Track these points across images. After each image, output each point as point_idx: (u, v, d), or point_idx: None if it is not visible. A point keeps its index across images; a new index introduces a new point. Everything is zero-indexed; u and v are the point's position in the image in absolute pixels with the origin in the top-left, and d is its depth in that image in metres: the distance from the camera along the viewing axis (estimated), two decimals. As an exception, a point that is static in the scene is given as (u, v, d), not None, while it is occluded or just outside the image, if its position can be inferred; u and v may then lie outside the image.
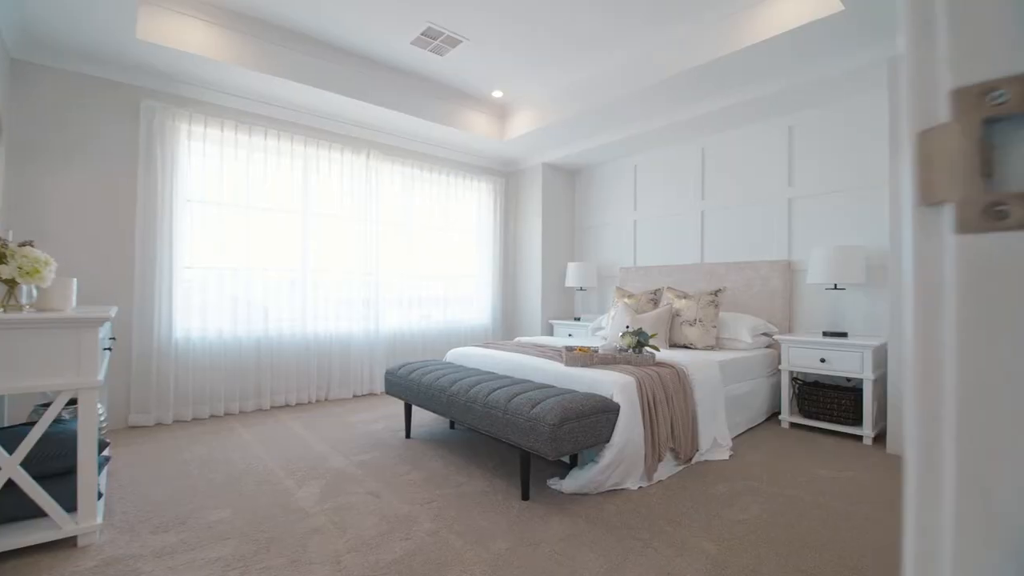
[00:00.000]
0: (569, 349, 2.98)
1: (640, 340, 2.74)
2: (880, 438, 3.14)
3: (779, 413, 3.62)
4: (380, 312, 4.56)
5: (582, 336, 4.86)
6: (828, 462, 2.74)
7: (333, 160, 4.31)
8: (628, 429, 2.28)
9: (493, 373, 2.89)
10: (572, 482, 2.25)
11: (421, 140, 4.83)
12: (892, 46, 2.91)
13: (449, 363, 3.30)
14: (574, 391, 2.38)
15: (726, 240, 4.23)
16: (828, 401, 3.29)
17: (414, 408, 3.47)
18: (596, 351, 2.92)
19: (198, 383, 3.61)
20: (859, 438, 3.17)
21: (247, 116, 3.89)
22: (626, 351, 2.81)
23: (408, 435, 3.12)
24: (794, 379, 3.50)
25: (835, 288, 3.43)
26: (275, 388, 3.96)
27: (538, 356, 3.06)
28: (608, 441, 2.26)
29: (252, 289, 3.87)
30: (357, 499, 2.20)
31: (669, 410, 2.55)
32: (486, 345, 3.60)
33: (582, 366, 2.71)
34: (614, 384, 2.39)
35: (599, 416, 2.20)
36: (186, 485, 2.36)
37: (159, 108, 3.46)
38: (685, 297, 3.79)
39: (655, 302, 4.07)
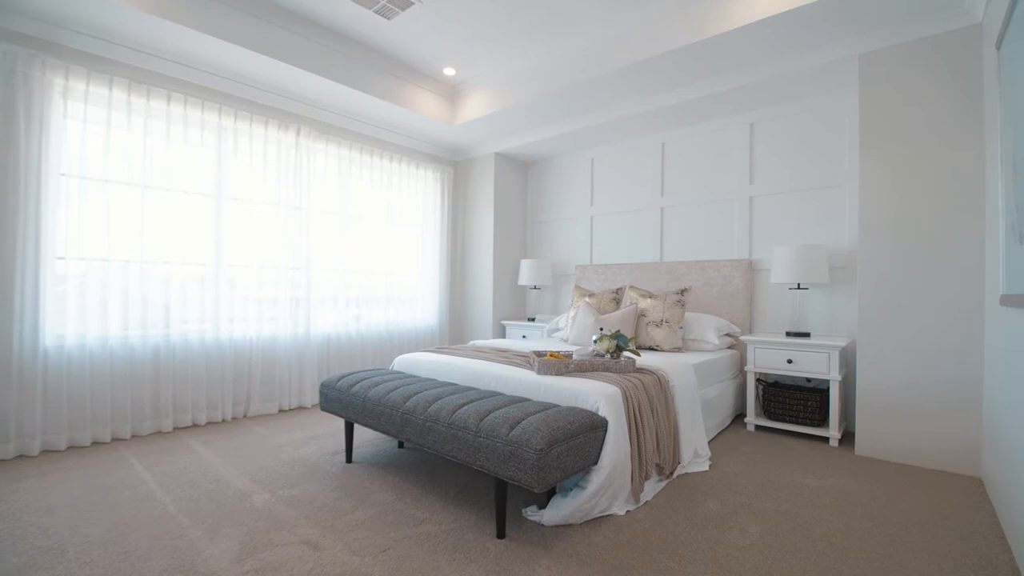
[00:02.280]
0: (539, 354, 2.66)
1: (619, 344, 2.47)
2: (846, 439, 3.10)
3: (744, 415, 3.54)
4: (312, 313, 3.99)
5: (536, 338, 4.57)
6: (807, 469, 2.62)
7: (255, 135, 3.68)
8: (617, 447, 1.99)
9: (453, 384, 2.50)
10: (555, 512, 1.92)
11: (362, 119, 4.30)
12: (864, 42, 2.86)
13: (398, 372, 2.86)
14: (555, 405, 2.05)
15: (686, 238, 4.12)
16: (794, 403, 3.23)
17: (355, 425, 2.98)
18: (570, 357, 2.62)
19: (76, 402, 2.89)
20: (825, 439, 3.12)
21: (145, 75, 3.19)
22: (603, 356, 2.53)
23: (349, 459, 2.65)
24: (757, 381, 3.41)
25: (798, 288, 3.37)
26: (179, 405, 3.29)
27: (503, 363, 2.70)
28: (596, 463, 1.95)
29: (149, 285, 3.18)
30: (290, 552, 1.73)
31: (654, 421, 2.30)
32: (440, 351, 3.19)
33: (556, 374, 2.39)
34: (599, 395, 2.09)
35: (588, 435, 1.88)
36: (46, 547, 1.75)
37: (23, 55, 2.71)
38: (650, 297, 3.60)
39: (617, 301, 3.86)
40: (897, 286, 2.77)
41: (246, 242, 3.64)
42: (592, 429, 1.91)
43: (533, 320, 4.78)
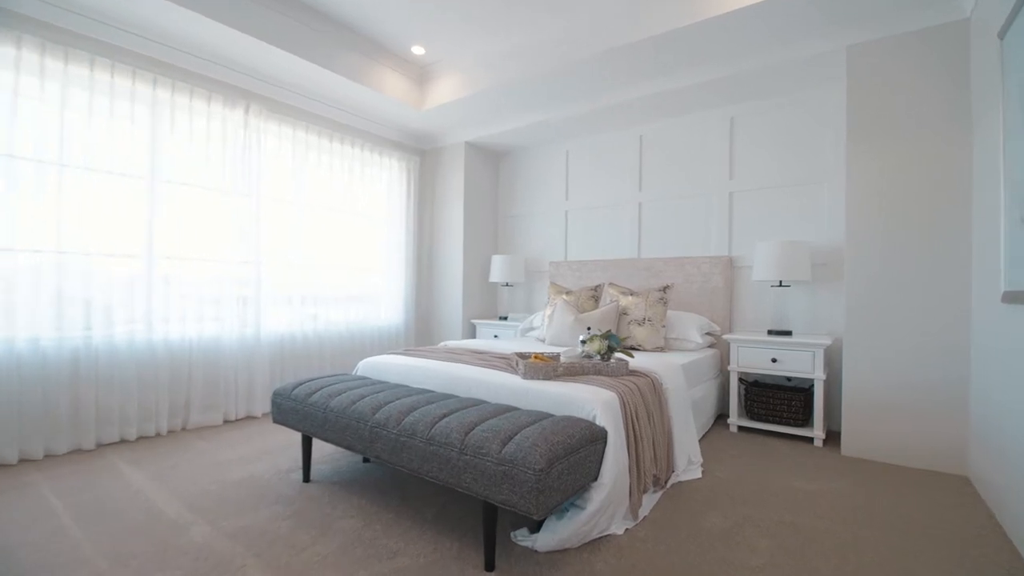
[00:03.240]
0: (523, 356, 2.43)
1: (611, 345, 2.27)
2: (830, 439, 3.05)
3: (726, 416, 3.44)
4: (262, 312, 3.60)
5: (509, 338, 4.34)
6: (798, 472, 2.52)
7: (197, 111, 3.26)
8: (617, 460, 1.79)
9: (428, 391, 2.23)
10: (550, 537, 1.70)
11: (320, 98, 3.92)
12: (852, 34, 2.80)
13: (363, 378, 2.56)
14: (547, 415, 1.83)
15: (665, 234, 3.99)
16: (778, 402, 3.15)
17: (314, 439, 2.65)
18: (557, 359, 2.41)
19: (-32, 419, 2.42)
20: (809, 440, 3.05)
21: (62, 34, 2.73)
22: (593, 358, 2.33)
23: (307, 477, 2.33)
24: (740, 380, 3.32)
25: (780, 285, 3.30)
26: (104, 417, 2.85)
27: (483, 366, 2.45)
28: (596, 479, 1.74)
29: (66, 280, 2.72)
30: (235, 603, 1.42)
31: (651, 429, 2.12)
32: (409, 353, 2.90)
33: (544, 379, 2.17)
34: (595, 402, 1.88)
35: (588, 449, 1.67)
36: (-92, 612, 1.37)
37: None
38: (631, 294, 3.45)
39: (596, 299, 3.68)
40: (885, 284, 2.72)
41: (185, 232, 3.21)
42: (592, 441, 1.70)
43: (505, 319, 4.55)
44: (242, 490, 2.21)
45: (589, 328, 2.54)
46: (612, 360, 2.30)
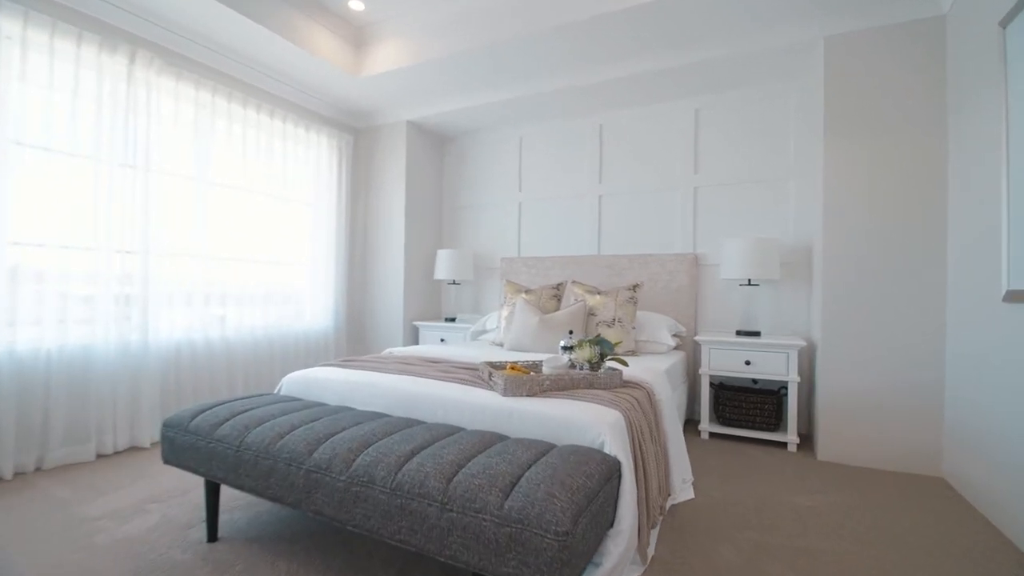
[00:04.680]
0: (495, 366, 2.02)
1: (603, 351, 1.93)
2: (803, 443, 2.94)
3: (696, 422, 3.25)
4: (152, 313, 2.87)
5: (459, 342, 3.90)
6: (787, 483, 2.35)
7: (60, 54, 2.49)
8: (632, 497, 1.45)
9: (382, 416, 1.75)
10: (557, 606, 1.31)
11: (233, 54, 3.23)
12: (831, 24, 2.69)
13: (290, 399, 2.02)
14: (548, 445, 1.44)
15: (627, 230, 3.76)
16: (750, 406, 3.00)
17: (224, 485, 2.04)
18: (537, 369, 2.03)
19: None
20: (782, 445, 2.93)
21: None
22: (579, 367, 1.97)
23: (213, 535, 1.75)
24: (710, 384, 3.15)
25: (748, 284, 3.17)
26: (-95, 464, 2.04)
27: (446, 380, 2.01)
28: (612, 525, 1.38)
29: None
30: None
31: (654, 451, 1.80)
32: (349, 365, 2.38)
33: (527, 395, 1.78)
34: (601, 425, 1.52)
35: (606, 489, 1.30)
36: None
37: None
38: (598, 293, 3.15)
39: (558, 298, 3.35)
40: (863, 285, 2.64)
41: (41, 210, 2.44)
42: (608, 479, 1.33)
43: (453, 320, 4.09)
44: (119, 562, 1.60)
45: (571, 332, 2.18)
46: (603, 370, 1.96)
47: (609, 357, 1.96)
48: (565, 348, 2.09)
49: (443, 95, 3.82)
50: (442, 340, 3.99)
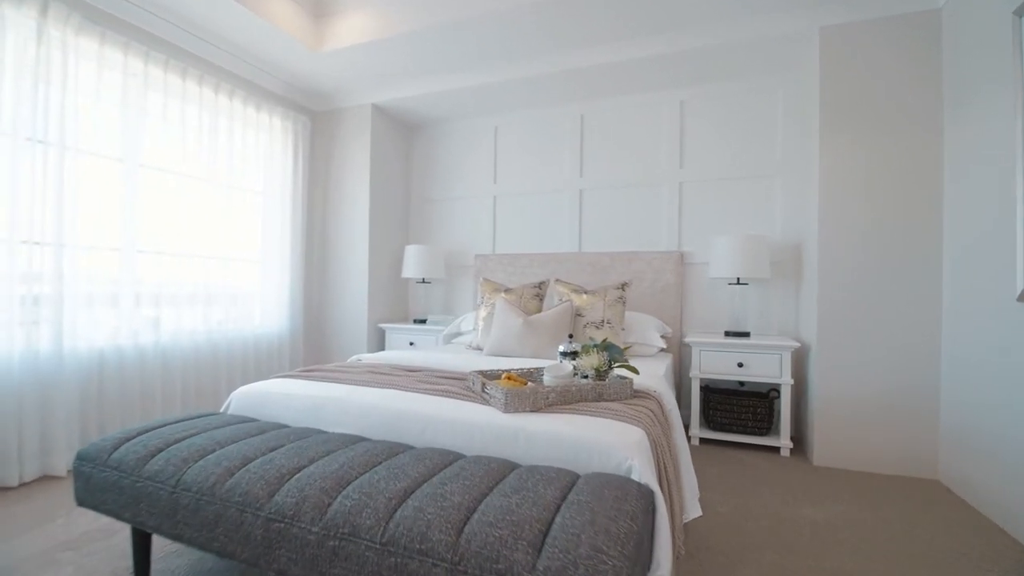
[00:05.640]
0: (488, 375, 1.77)
1: (613, 357, 1.71)
2: (796, 448, 2.85)
3: (687, 427, 3.10)
4: (66, 317, 2.41)
5: (429, 346, 3.61)
6: (793, 493, 2.22)
7: (-61, -5, 2.02)
8: (668, 532, 1.23)
9: (359, 439, 1.45)
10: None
11: (168, 14, 2.79)
12: (826, 14, 2.60)
13: (242, 420, 1.68)
14: (571, 474, 1.20)
15: (610, 226, 3.58)
16: (741, 410, 2.88)
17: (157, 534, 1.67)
18: (536, 378, 1.79)
19: None
20: (775, 450, 2.82)
21: None
22: (583, 376, 1.75)
23: (143, 596, 1.40)
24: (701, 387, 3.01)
25: (737, 283, 3.06)
26: None
27: (430, 393, 1.73)
28: (650, 569, 1.15)
29: None
30: None
31: (673, 469, 1.59)
32: (311, 375, 2.04)
33: (531, 410, 1.54)
34: (626, 447, 1.30)
35: (644, 523, 1.08)
36: None
37: None
38: (585, 292, 2.95)
39: (541, 298, 3.12)
40: (860, 285, 2.56)
41: (-86, 189, 1.97)
42: (645, 513, 1.11)
43: (424, 322, 3.78)
44: (5, 644, 1.23)
45: (571, 336, 1.94)
46: (610, 378, 1.74)
47: (618, 364, 1.74)
48: (565, 354, 1.86)
49: (412, 77, 3.50)
50: (411, 344, 3.68)
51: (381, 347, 3.84)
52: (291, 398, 1.77)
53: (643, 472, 1.25)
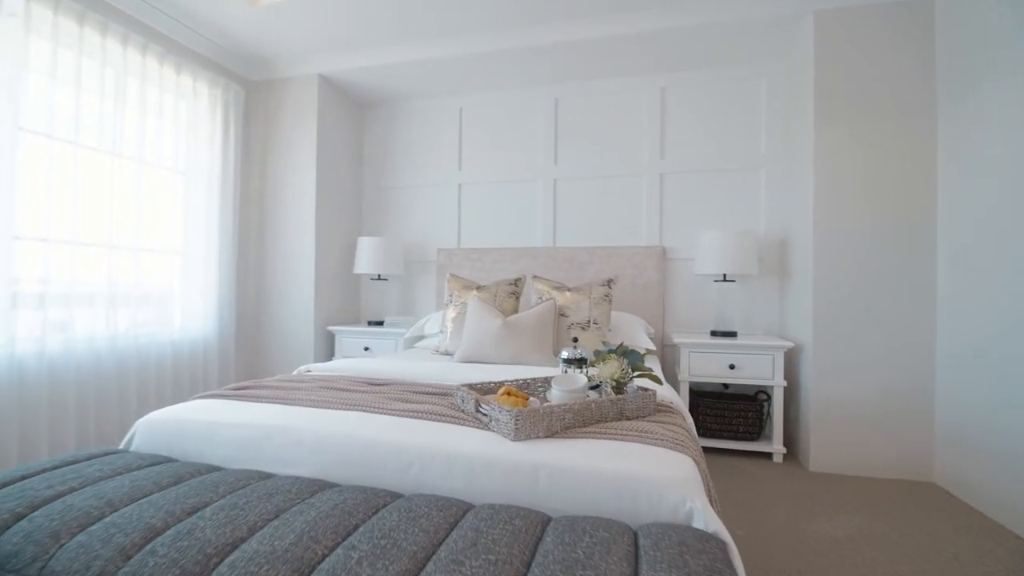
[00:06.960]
0: (481, 390, 1.43)
1: (634, 365, 1.42)
2: (789, 453, 2.70)
3: (671, 436, 2.89)
4: (-94, 324, 1.81)
5: (387, 351, 3.19)
6: (800, 506, 2.05)
7: None
8: (742, 597, 0.95)
9: (319, 485, 1.07)
10: None
11: (53, -54, 2.22)
12: (822, -5, 2.47)
13: (151, 460, 1.24)
14: (626, 528, 0.89)
15: (587, 219, 3.32)
16: (732, 415, 2.71)
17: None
18: (537, 391, 1.47)
19: None
20: (767, 455, 2.67)
21: None
22: (600, 388, 1.45)
23: None
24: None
25: (724, 280, 2.89)
26: None
27: (409, 416, 1.36)
28: (735, 657, 0.86)
29: None
30: None
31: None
32: (244, 394, 1.60)
33: (545, 435, 1.21)
34: (682, 484, 1.01)
35: (743, 608, 0.79)
36: None
37: None
38: (568, 290, 2.66)
39: (517, 296, 2.80)
40: (858, 283, 2.44)
41: None
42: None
43: (381, 324, 3.34)
44: None
45: (576, 340, 1.63)
46: (629, 391, 1.45)
47: (638, 373, 1.45)
48: (570, 362, 1.55)
49: (365, 45, 3.08)
50: (367, 349, 3.24)
51: (331, 354, 3.37)
52: (220, 427, 1.34)
53: (707, 516, 0.97)
